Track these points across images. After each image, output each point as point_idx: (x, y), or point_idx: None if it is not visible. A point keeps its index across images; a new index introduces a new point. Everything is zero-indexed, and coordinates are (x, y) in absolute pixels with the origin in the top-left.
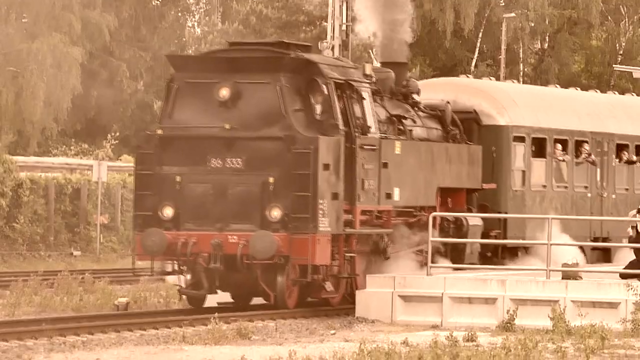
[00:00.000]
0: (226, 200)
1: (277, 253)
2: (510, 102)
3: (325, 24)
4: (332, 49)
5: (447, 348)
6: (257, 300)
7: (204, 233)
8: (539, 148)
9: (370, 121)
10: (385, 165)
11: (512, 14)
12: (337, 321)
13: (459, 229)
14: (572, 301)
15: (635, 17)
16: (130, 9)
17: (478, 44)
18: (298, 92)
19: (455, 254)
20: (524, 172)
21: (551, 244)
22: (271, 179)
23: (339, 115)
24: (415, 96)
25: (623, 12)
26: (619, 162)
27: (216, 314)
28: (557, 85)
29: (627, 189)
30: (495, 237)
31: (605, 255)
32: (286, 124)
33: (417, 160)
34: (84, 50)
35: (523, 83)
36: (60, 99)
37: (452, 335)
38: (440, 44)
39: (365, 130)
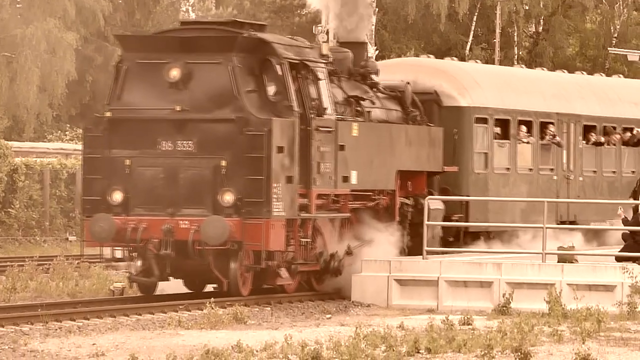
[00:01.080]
0: (177, 184)
1: (230, 239)
2: (472, 83)
3: (319, 8)
4: (327, 33)
5: (443, 332)
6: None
7: (154, 218)
8: (502, 130)
9: (326, 102)
10: (342, 147)
11: None
12: (333, 305)
13: (419, 213)
14: (568, 284)
15: (630, 0)
16: None
17: (472, 28)
18: (251, 72)
19: (416, 239)
20: (486, 154)
21: (547, 227)
22: (223, 162)
23: (294, 97)
24: (374, 77)
25: None
26: (587, 143)
27: (212, 299)
28: (523, 66)
29: (594, 172)
30: (458, 221)
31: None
32: (239, 105)
33: (376, 142)
34: (79, 35)
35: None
36: (54, 84)
37: (448, 319)
38: (434, 28)
39: (321, 111)
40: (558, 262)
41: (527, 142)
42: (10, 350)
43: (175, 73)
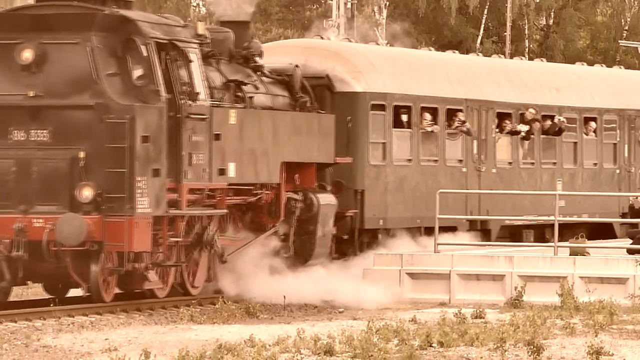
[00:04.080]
0: (30, 178)
1: (89, 239)
2: (368, 66)
3: (330, 2)
4: (338, 27)
5: (455, 325)
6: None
7: (4, 216)
8: (402, 117)
9: (199, 87)
10: (217, 137)
11: None
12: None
13: (309, 208)
14: (580, 277)
15: None
16: None
17: (483, 21)
18: (113, 53)
19: (305, 238)
20: (384, 144)
21: (558, 221)
22: (82, 154)
23: (161, 80)
24: (257, 59)
25: None
26: (501, 133)
27: (224, 294)
28: (431, 49)
29: (510, 163)
30: (352, 218)
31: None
32: (98, 90)
33: (257, 131)
34: None
35: (528, 59)
36: None
37: (460, 312)
38: (445, 22)
39: (192, 97)
40: (570, 255)
41: (432, 131)
42: (23, 346)
43: (27, 55)
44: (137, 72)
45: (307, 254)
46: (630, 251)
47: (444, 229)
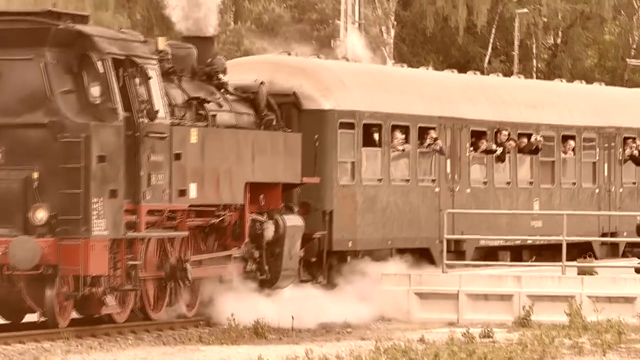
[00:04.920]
0: None
1: (43, 262)
2: (337, 83)
3: (338, 22)
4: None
5: (463, 345)
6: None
7: None
8: (373, 136)
9: (158, 104)
10: (177, 156)
11: (525, 10)
12: (354, 319)
13: (274, 230)
14: (588, 296)
15: None
16: (143, 10)
17: (491, 40)
18: (68, 70)
19: (272, 260)
20: (353, 163)
21: (566, 240)
22: (35, 175)
23: (118, 98)
24: (221, 76)
25: (636, 6)
26: (475, 151)
27: (232, 314)
28: (404, 65)
29: (485, 182)
30: (320, 240)
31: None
32: (52, 108)
33: (220, 150)
34: None
35: (536, 79)
36: None
37: (468, 332)
38: (453, 41)
39: (152, 115)
40: (578, 274)
41: (403, 150)
42: None
43: None
44: (93, 90)
45: (274, 277)
46: (639, 270)
47: (418, 251)
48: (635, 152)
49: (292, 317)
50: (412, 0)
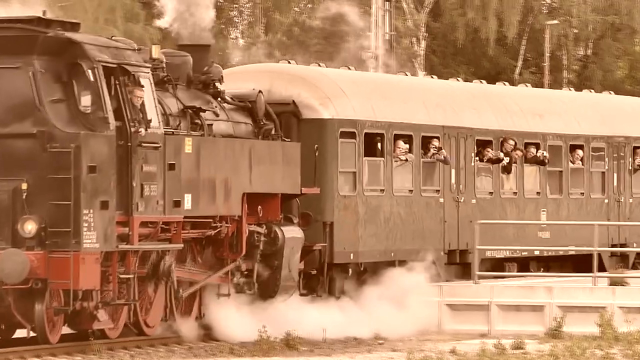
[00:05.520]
0: None
1: (32, 276)
2: (337, 92)
3: (369, 33)
4: (376, 58)
5: (495, 356)
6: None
7: None
8: (375, 145)
9: (152, 113)
10: (171, 166)
11: (555, 21)
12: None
13: (273, 242)
14: (619, 307)
15: None
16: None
17: (522, 52)
18: (58, 78)
19: (270, 273)
20: (354, 173)
21: (598, 251)
22: (24, 185)
23: (110, 107)
24: (218, 84)
25: None
26: (481, 161)
27: (264, 326)
28: (408, 73)
29: (491, 193)
30: (320, 252)
31: None
32: (42, 117)
33: (216, 160)
34: None
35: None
36: None
37: (500, 343)
38: (483, 52)
39: (144, 124)
40: (609, 285)
41: (406, 160)
42: None
43: None
44: (84, 98)
45: (272, 290)
46: None
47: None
48: None
49: (324, 330)
50: (443, 12)
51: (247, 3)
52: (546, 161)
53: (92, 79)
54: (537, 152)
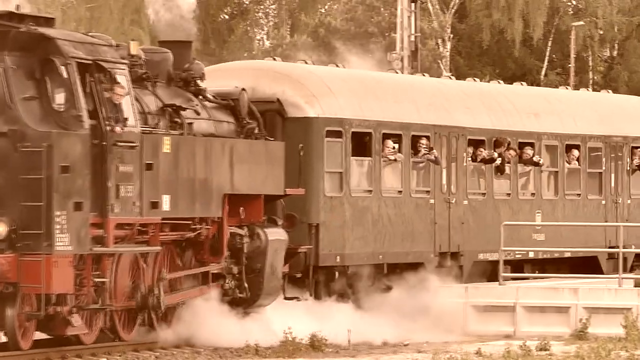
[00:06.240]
0: None
1: (2, 279)
2: (324, 89)
3: (394, 35)
4: (402, 59)
5: (520, 357)
6: None
7: None
8: (362, 145)
9: (128, 112)
10: (149, 166)
11: (581, 22)
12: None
13: (255, 244)
14: None
15: None
16: (198, 23)
17: (547, 53)
18: (30, 75)
19: (253, 276)
20: (341, 174)
21: (623, 252)
22: None
23: (84, 105)
24: (199, 82)
25: None
26: (474, 161)
27: (289, 328)
28: (398, 71)
29: (484, 194)
30: (306, 254)
31: None
32: (13, 115)
33: (195, 160)
34: None
35: (592, 91)
36: None
37: (525, 345)
38: (509, 53)
39: (120, 123)
40: (634, 286)
41: (395, 160)
42: None
43: None
44: (57, 96)
45: (255, 294)
46: None
47: (411, 266)
48: None
49: (349, 330)
50: (468, 13)
51: (273, 4)
52: (541, 163)
53: (65, 75)
54: (532, 155)
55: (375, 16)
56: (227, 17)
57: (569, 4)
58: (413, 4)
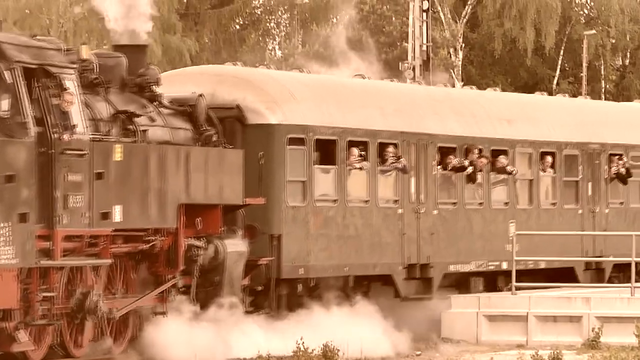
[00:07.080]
0: None
1: None
2: (286, 96)
3: (405, 44)
4: (413, 69)
5: None
6: None
7: None
8: (327, 153)
9: (77, 119)
10: (99, 176)
11: (593, 31)
12: (423, 342)
13: (213, 256)
14: None
15: None
16: (210, 33)
17: (559, 62)
18: None
19: (211, 290)
20: (304, 183)
21: (635, 260)
22: None
23: (29, 112)
24: (154, 88)
25: None
26: (444, 169)
27: (302, 337)
28: (369, 77)
29: (454, 203)
30: (267, 266)
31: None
32: None
33: (149, 169)
34: None
35: (605, 100)
36: None
37: (537, 354)
38: (521, 62)
39: (68, 130)
40: None
41: (360, 168)
42: None
43: None
44: (2, 102)
45: (209, 307)
46: None
47: (379, 278)
48: (622, 170)
49: (361, 339)
50: (480, 22)
51: (284, 14)
52: (514, 173)
53: (9, 80)
54: (506, 164)
55: (387, 26)
56: (238, 27)
57: (581, 12)
58: (425, 14)
